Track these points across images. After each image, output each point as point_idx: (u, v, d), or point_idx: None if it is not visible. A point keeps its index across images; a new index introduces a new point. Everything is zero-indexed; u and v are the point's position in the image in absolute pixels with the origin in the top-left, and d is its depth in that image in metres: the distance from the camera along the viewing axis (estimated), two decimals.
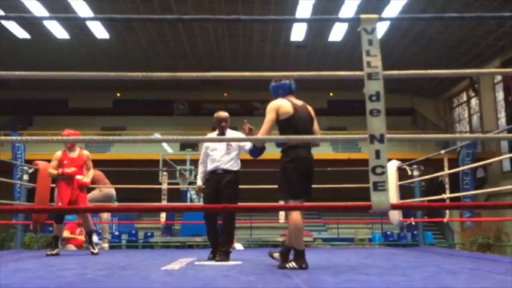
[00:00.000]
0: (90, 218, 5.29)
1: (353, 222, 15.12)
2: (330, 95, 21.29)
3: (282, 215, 6.78)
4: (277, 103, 3.33)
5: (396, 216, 6.09)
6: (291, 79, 3.45)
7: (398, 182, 6.14)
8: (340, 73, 2.34)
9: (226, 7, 13.30)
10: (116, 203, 7.03)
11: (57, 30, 14.86)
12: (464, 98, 20.10)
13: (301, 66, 16.55)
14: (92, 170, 5.30)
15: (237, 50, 16.87)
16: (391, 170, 5.92)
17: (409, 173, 6.25)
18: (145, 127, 19.17)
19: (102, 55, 16.80)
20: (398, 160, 6.34)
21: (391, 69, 2.21)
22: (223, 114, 4.42)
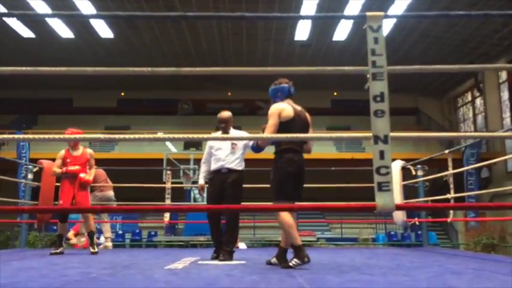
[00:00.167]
0: (91, 218, 5.31)
1: (357, 222, 15.08)
2: (334, 94, 21.28)
3: None
4: (280, 106, 3.43)
5: (400, 216, 6.08)
6: (291, 83, 3.54)
7: (403, 181, 6.14)
8: (344, 68, 2.34)
9: (231, 6, 13.29)
10: (115, 204, 7.04)
11: (62, 29, 14.89)
12: (469, 98, 19.97)
13: (305, 66, 16.07)
14: (94, 168, 5.32)
15: (241, 49, 16.86)
16: (395, 170, 5.90)
17: (413, 173, 6.24)
18: (150, 126, 19.18)
19: (107, 54, 16.83)
20: (403, 160, 6.33)
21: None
22: (224, 115, 4.40)
